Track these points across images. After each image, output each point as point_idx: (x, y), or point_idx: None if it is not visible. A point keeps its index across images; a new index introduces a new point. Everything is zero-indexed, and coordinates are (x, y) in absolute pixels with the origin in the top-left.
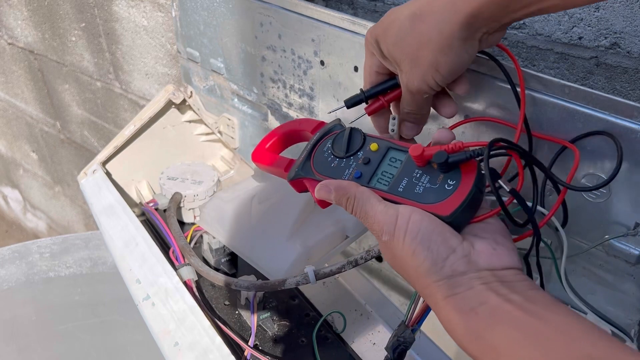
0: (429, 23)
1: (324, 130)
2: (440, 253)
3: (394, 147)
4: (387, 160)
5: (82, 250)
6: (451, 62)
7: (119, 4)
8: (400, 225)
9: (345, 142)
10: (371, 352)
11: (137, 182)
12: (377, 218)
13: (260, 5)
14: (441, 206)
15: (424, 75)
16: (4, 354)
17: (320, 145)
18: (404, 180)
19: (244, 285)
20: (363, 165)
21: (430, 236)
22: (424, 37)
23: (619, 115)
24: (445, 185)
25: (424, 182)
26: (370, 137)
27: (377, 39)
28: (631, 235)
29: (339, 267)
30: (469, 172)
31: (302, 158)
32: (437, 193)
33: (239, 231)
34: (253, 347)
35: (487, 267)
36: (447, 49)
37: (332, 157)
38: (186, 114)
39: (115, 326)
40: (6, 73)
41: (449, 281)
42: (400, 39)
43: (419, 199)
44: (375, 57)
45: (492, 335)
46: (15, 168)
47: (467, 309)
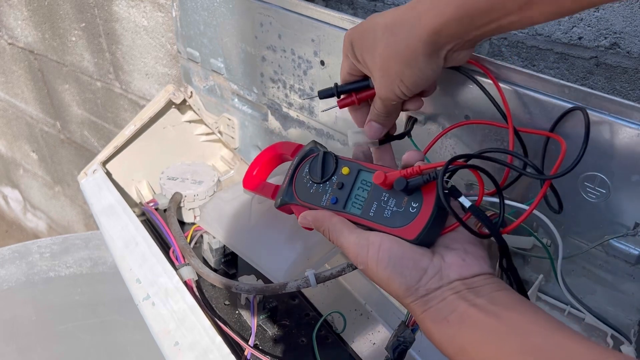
0: (398, 35)
1: (302, 154)
2: (413, 277)
3: (364, 169)
4: (358, 183)
5: (82, 250)
6: (415, 76)
7: (119, 4)
8: (372, 255)
9: (319, 168)
10: (371, 352)
11: (137, 182)
12: (351, 249)
13: (260, 5)
14: (407, 230)
15: (391, 85)
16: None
17: (299, 170)
18: (374, 205)
19: (244, 288)
20: (338, 190)
21: (401, 262)
22: (393, 50)
23: (618, 115)
24: (410, 208)
25: (391, 205)
26: (342, 160)
27: (352, 43)
28: (631, 236)
29: (339, 270)
30: (430, 193)
31: (285, 184)
32: (402, 216)
33: (239, 231)
34: (253, 346)
35: (457, 277)
36: (412, 62)
37: (310, 183)
38: (186, 114)
39: (115, 326)
40: (6, 73)
41: (424, 299)
42: (373, 48)
43: (388, 223)
44: (349, 59)
45: (461, 338)
46: (15, 168)
47: (440, 319)
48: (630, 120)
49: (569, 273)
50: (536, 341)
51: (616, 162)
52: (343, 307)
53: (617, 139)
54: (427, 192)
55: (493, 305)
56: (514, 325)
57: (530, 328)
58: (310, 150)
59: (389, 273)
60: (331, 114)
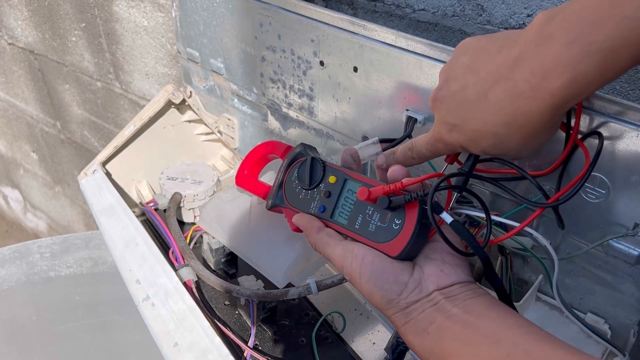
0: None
1: (291, 157)
2: (393, 291)
3: (350, 179)
4: (345, 193)
5: (82, 250)
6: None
7: (119, 4)
8: (355, 268)
9: (307, 174)
10: (371, 351)
11: (137, 182)
12: (337, 261)
13: (260, 5)
14: (390, 246)
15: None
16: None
17: (289, 173)
18: (359, 218)
19: (245, 293)
20: (325, 199)
21: (382, 276)
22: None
23: (618, 115)
24: (393, 224)
25: (375, 220)
26: (329, 168)
27: (462, 145)
28: (630, 236)
29: (340, 279)
30: (412, 211)
31: (276, 187)
32: (386, 232)
33: (239, 231)
34: (253, 347)
35: (435, 288)
36: (536, 136)
37: (299, 189)
38: (186, 113)
39: (115, 326)
40: (6, 73)
41: (404, 311)
42: (500, 144)
43: (373, 238)
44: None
45: (440, 349)
46: (15, 168)
47: (420, 331)
48: (629, 120)
49: (569, 273)
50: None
51: (616, 163)
52: (343, 307)
53: (617, 140)
54: (409, 209)
55: (467, 314)
56: (486, 333)
57: (501, 335)
58: (299, 154)
59: (371, 286)
60: (331, 114)
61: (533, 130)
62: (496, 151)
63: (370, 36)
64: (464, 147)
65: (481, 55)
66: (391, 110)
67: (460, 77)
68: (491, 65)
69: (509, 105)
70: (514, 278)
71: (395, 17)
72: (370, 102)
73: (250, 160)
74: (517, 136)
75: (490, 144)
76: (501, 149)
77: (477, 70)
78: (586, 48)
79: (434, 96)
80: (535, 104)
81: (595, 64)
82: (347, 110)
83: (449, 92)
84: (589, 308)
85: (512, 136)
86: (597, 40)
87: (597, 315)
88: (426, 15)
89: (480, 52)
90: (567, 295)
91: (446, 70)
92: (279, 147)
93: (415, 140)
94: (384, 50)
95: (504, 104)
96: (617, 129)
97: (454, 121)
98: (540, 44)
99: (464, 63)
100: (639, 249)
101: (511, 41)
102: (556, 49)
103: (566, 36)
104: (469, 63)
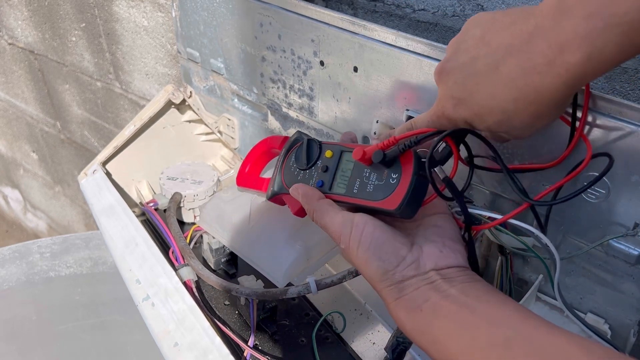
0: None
1: (288, 144)
2: (391, 262)
3: (346, 150)
4: (342, 164)
5: (82, 250)
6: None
7: (119, 4)
8: (354, 236)
9: (304, 154)
10: (371, 351)
11: (137, 182)
12: (335, 228)
13: (260, 5)
14: (388, 201)
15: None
16: (4, 354)
17: (287, 159)
18: (357, 182)
19: (245, 292)
20: (323, 173)
21: (382, 247)
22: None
23: (618, 115)
24: (390, 179)
25: (373, 180)
26: (325, 145)
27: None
28: (630, 236)
29: (340, 278)
30: (408, 163)
31: (274, 175)
32: (384, 189)
33: (239, 231)
34: (253, 347)
35: (433, 267)
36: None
37: (297, 171)
38: (186, 113)
39: (115, 326)
40: (6, 73)
41: (399, 285)
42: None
43: (371, 197)
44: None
45: (433, 329)
46: (15, 168)
47: (413, 307)
48: (629, 120)
49: (569, 273)
50: (505, 332)
51: (616, 163)
52: (343, 307)
53: (617, 140)
54: (405, 162)
55: (465, 296)
56: (484, 316)
57: (500, 319)
58: (296, 140)
59: (369, 255)
60: (331, 114)
61: (542, 108)
62: (501, 129)
63: (371, 36)
64: (468, 122)
65: (494, 27)
66: (391, 110)
67: (471, 48)
68: (505, 37)
69: (520, 79)
70: (514, 278)
71: (395, 17)
72: (370, 102)
73: (250, 159)
74: (525, 113)
75: (496, 120)
76: (507, 126)
77: (489, 41)
78: (606, 20)
79: (440, 68)
80: (549, 79)
81: (614, 39)
82: (347, 110)
83: (457, 64)
84: (589, 308)
85: (519, 113)
86: (617, 13)
87: (597, 315)
88: (426, 15)
89: (494, 24)
90: (567, 295)
91: (455, 42)
92: (276, 139)
93: (416, 118)
94: (384, 50)
95: (515, 77)
96: (617, 128)
97: (461, 95)
98: (558, 17)
99: (475, 34)
100: (639, 249)
101: (527, 14)
102: (574, 21)
103: (585, 8)
104: (480, 34)
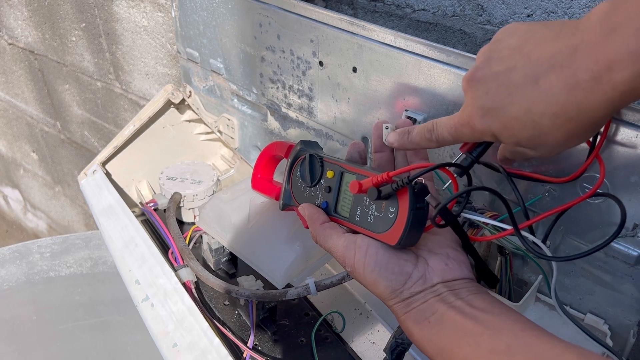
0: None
1: (293, 156)
2: (398, 281)
3: (346, 172)
4: (343, 186)
5: (82, 250)
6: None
7: (119, 4)
8: (358, 259)
9: (307, 171)
10: (370, 351)
11: (138, 182)
12: (339, 252)
13: (260, 5)
14: (388, 235)
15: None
16: (4, 354)
17: (293, 172)
18: (358, 209)
19: (244, 294)
20: (326, 194)
21: (387, 266)
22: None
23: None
24: (388, 213)
25: (372, 210)
26: (326, 163)
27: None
28: (630, 237)
29: (339, 279)
30: (404, 197)
31: (284, 187)
32: (383, 222)
33: (238, 232)
34: (252, 347)
35: (440, 280)
36: (590, 131)
37: (303, 187)
38: (185, 113)
39: (115, 326)
40: (6, 73)
41: (407, 301)
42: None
43: (372, 229)
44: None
45: (439, 338)
46: (15, 168)
47: (421, 319)
48: (629, 121)
49: (568, 274)
50: (507, 340)
51: (615, 163)
52: (342, 307)
53: (617, 140)
54: (401, 196)
55: (470, 307)
56: (488, 325)
57: (503, 329)
58: (300, 152)
59: (375, 276)
60: (330, 114)
61: (580, 125)
62: (530, 144)
63: (370, 36)
64: (495, 134)
65: (534, 38)
66: (390, 110)
67: (507, 58)
68: (547, 50)
69: (561, 95)
70: (513, 278)
71: (395, 17)
72: (369, 103)
73: (260, 164)
74: (561, 131)
75: (528, 135)
76: (537, 142)
77: (529, 53)
78: None
79: (470, 76)
80: (594, 96)
81: None
82: (347, 111)
83: (490, 73)
84: (588, 308)
85: (555, 130)
86: None
87: (596, 315)
88: (426, 15)
89: (534, 35)
90: (566, 296)
91: (488, 51)
92: (281, 147)
93: (438, 122)
94: (383, 51)
95: (557, 92)
96: (616, 129)
97: (491, 104)
98: (606, 32)
99: (511, 44)
100: (638, 250)
101: (571, 28)
102: (624, 38)
103: (636, 25)
104: (518, 45)
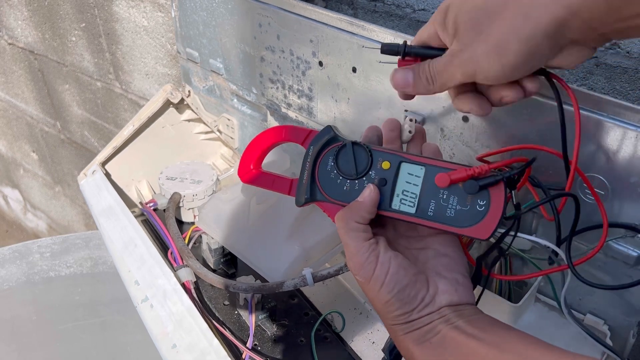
0: (521, 10)
1: (321, 144)
2: (411, 305)
3: (406, 161)
4: (403, 177)
5: (82, 250)
6: (530, 54)
7: (119, 4)
8: (378, 276)
9: (352, 162)
10: (370, 350)
11: (137, 182)
12: (357, 258)
13: (259, 5)
14: (477, 230)
15: (499, 64)
16: (4, 354)
17: (321, 162)
18: (431, 203)
19: (241, 287)
20: (380, 187)
21: (405, 290)
22: (511, 26)
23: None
24: (477, 206)
25: (454, 204)
26: (377, 152)
27: (449, 12)
28: (629, 237)
29: (337, 270)
30: (498, 191)
31: (306, 180)
32: (470, 216)
33: (238, 232)
34: (251, 348)
35: (447, 304)
36: (532, 41)
37: (341, 179)
38: (185, 113)
39: (115, 326)
40: (6, 73)
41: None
42: (481, 24)
43: (453, 223)
44: (435, 26)
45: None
46: (15, 168)
47: (422, 340)
48: (628, 121)
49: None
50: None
51: (615, 164)
52: (342, 306)
53: (616, 141)
54: (494, 189)
55: (473, 327)
56: (491, 343)
57: (506, 346)
58: (332, 139)
59: (391, 297)
60: (330, 114)
61: None
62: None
63: (369, 36)
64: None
65: None
66: (390, 110)
67: None
68: None
69: None
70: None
71: (395, 17)
72: (369, 103)
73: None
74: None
75: None
76: None
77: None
78: None
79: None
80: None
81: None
82: (346, 111)
83: None
84: (588, 309)
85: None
86: None
87: (596, 316)
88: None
89: None
90: (566, 296)
91: None
92: (295, 132)
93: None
94: None
95: None
96: (616, 129)
97: None
98: None
99: None
100: (638, 250)
101: None
102: None
103: None
104: None
